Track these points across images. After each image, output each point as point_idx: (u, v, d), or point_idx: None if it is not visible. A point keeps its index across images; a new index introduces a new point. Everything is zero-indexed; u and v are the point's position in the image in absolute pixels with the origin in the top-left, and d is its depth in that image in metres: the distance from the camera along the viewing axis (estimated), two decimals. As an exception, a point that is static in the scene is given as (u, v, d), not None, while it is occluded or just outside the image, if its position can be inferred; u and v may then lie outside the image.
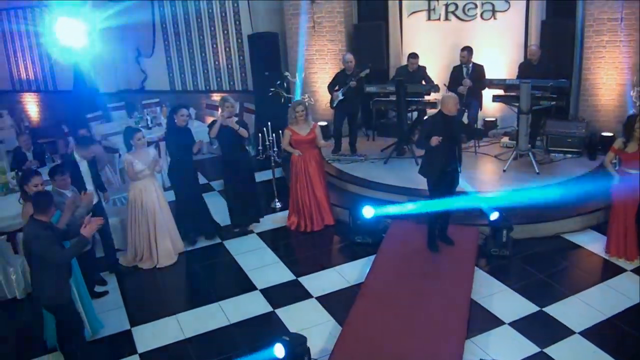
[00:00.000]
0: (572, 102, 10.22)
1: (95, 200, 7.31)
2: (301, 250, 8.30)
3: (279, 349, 5.31)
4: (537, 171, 8.98)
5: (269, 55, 11.67)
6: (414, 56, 10.07)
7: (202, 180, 10.41)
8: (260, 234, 8.70)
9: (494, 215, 7.53)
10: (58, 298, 5.48)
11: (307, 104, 8.64)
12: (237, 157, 8.39)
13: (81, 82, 14.00)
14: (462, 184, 7.66)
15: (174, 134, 8.12)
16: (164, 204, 7.98)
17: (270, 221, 9.03)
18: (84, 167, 7.32)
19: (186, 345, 6.27)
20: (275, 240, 8.56)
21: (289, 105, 8.84)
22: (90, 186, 7.29)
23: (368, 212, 7.96)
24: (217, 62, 13.29)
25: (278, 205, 9.50)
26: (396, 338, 5.77)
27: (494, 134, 9.56)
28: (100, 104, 13.73)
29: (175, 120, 8.05)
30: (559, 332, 6.03)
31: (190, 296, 7.41)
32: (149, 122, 11.37)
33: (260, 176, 10.36)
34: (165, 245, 7.93)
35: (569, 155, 9.66)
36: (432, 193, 7.23)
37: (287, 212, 8.93)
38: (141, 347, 6.29)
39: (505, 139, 10.28)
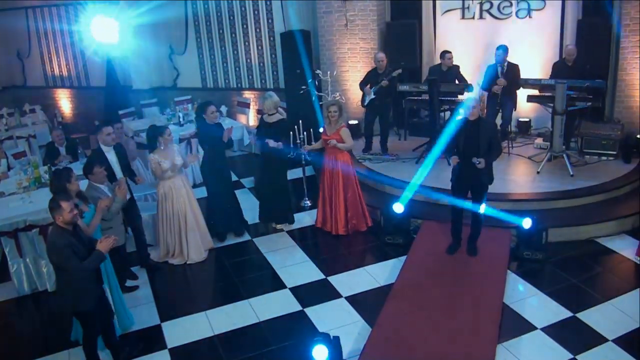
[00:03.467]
0: (607, 103, 10.04)
1: (128, 196, 7.39)
2: (331, 249, 8.25)
3: (320, 351, 5.13)
4: (572, 173, 8.83)
5: (301, 53, 11.64)
6: (448, 52, 9.96)
7: (232, 177, 10.42)
8: (289, 232, 8.69)
9: (527, 223, 7.39)
10: (77, 305, 5.48)
11: (341, 104, 8.41)
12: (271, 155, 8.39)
13: (114, 78, 14.20)
14: (497, 187, 7.51)
15: (206, 130, 8.14)
16: (193, 200, 8.01)
17: (300, 219, 9.02)
18: (111, 156, 7.36)
19: (215, 342, 6.28)
20: (305, 238, 8.55)
21: (320, 102, 8.81)
22: (120, 174, 7.34)
23: (398, 208, 7.87)
24: (249, 60, 13.32)
25: (308, 203, 9.49)
26: (427, 340, 5.72)
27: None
28: (132, 101, 13.89)
29: (206, 118, 8.07)
30: (592, 339, 5.91)
31: (220, 293, 7.40)
32: (181, 119, 11.43)
33: (290, 174, 10.31)
34: (195, 241, 7.96)
35: (604, 158, 9.48)
36: (452, 198, 7.18)
37: (316, 210, 8.88)
38: (171, 343, 6.32)
39: (539, 140, 10.13)
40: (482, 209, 7.05)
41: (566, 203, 8.32)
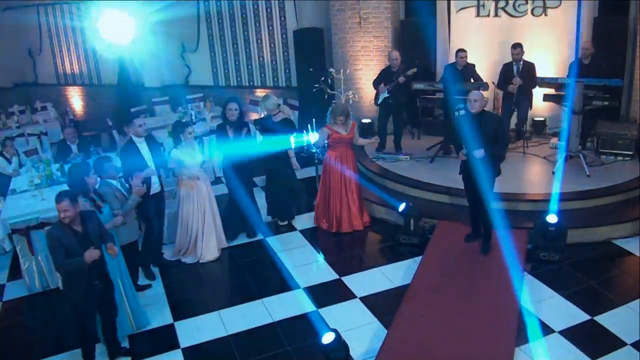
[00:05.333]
0: (623, 102, 9.90)
1: (158, 189, 7.42)
2: (344, 249, 8.19)
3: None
4: (588, 173, 8.72)
5: (314, 51, 11.58)
6: (462, 51, 9.89)
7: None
8: (302, 232, 8.64)
9: (552, 218, 7.30)
10: (65, 295, 5.65)
11: (349, 110, 8.36)
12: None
13: (126, 76, 14.18)
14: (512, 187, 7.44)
15: (223, 127, 8.08)
16: (213, 199, 8.00)
17: (313, 219, 8.95)
18: (144, 148, 7.30)
19: (229, 342, 6.23)
20: (318, 238, 8.49)
21: (333, 103, 8.74)
22: (152, 164, 7.28)
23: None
24: (261, 58, 13.28)
25: (320, 203, 9.43)
26: (443, 342, 5.64)
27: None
28: (144, 99, 13.87)
29: (226, 114, 8.02)
30: (611, 342, 5.80)
31: (233, 292, 7.38)
32: (193, 117, 11.39)
33: (302, 173, 10.31)
34: (211, 240, 7.94)
35: (620, 158, 9.37)
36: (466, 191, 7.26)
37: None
38: (184, 342, 6.27)
39: (555, 140, 10.03)
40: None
41: (582, 204, 8.21)
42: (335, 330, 5.35)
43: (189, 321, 6.65)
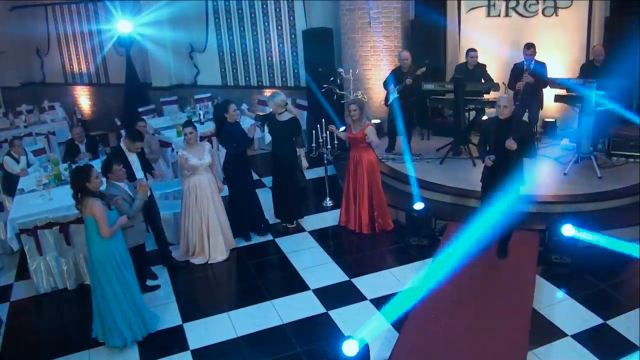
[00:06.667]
0: (634, 103, 9.81)
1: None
2: (354, 250, 8.14)
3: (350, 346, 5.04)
4: (599, 175, 8.65)
5: (323, 51, 11.52)
6: (473, 50, 9.82)
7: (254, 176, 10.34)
8: (311, 233, 8.59)
9: (567, 230, 7.22)
10: None
11: (363, 103, 8.30)
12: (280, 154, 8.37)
13: (134, 76, 14.15)
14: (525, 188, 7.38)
15: (228, 129, 8.03)
16: (217, 198, 7.93)
17: (322, 220, 8.92)
18: (132, 156, 7.32)
19: (239, 344, 6.19)
20: (327, 239, 8.44)
21: (342, 101, 8.70)
22: (140, 174, 7.30)
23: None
24: (270, 58, 13.22)
25: (329, 203, 9.38)
26: (456, 347, 5.58)
27: None
28: (152, 98, 13.85)
29: (227, 117, 7.96)
30: (624, 347, 5.74)
31: (243, 293, 7.31)
32: (202, 117, 11.35)
33: (312, 174, 10.27)
34: (218, 240, 7.89)
35: (632, 160, 9.27)
36: (481, 201, 7.09)
37: (338, 210, 8.77)
38: (193, 344, 6.23)
39: (566, 141, 9.95)
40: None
41: (595, 206, 8.14)
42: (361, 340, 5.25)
43: (199, 322, 6.60)
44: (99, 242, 5.85)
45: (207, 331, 6.42)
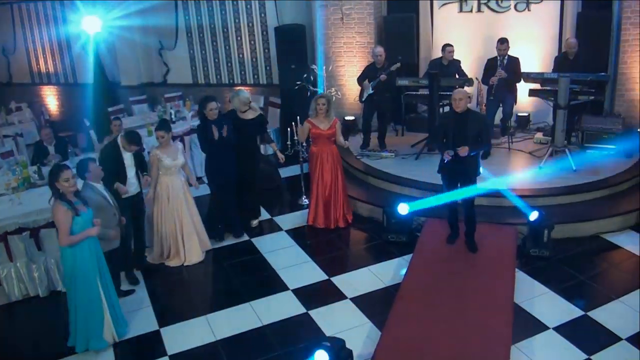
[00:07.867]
0: (607, 96, 9.92)
1: (136, 190, 7.22)
2: (332, 248, 8.04)
3: (321, 356, 4.94)
4: (574, 168, 8.70)
5: (296, 48, 11.41)
6: (449, 45, 9.80)
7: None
8: (288, 232, 8.49)
9: (534, 215, 7.26)
10: None
11: (331, 98, 8.34)
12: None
13: (102, 75, 13.88)
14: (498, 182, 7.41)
15: (205, 127, 7.86)
16: (190, 199, 7.77)
17: (299, 218, 8.82)
18: (126, 154, 7.09)
19: (217, 347, 6.06)
20: (305, 238, 8.32)
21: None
22: (131, 173, 7.11)
23: (403, 209, 7.70)
24: (241, 55, 13.06)
25: (305, 202, 9.25)
26: (439, 343, 5.53)
27: None
28: (121, 98, 13.61)
29: (206, 114, 7.80)
30: (606, 338, 5.78)
31: (221, 296, 7.19)
32: (173, 116, 11.16)
33: (287, 172, 10.18)
34: (193, 242, 7.73)
35: (605, 152, 9.33)
36: (444, 191, 7.14)
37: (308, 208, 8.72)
38: (171, 349, 6.07)
39: (539, 135, 10.00)
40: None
41: (570, 198, 8.20)
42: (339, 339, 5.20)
43: (176, 327, 6.44)
44: (76, 247, 5.66)
45: (184, 335, 6.26)
